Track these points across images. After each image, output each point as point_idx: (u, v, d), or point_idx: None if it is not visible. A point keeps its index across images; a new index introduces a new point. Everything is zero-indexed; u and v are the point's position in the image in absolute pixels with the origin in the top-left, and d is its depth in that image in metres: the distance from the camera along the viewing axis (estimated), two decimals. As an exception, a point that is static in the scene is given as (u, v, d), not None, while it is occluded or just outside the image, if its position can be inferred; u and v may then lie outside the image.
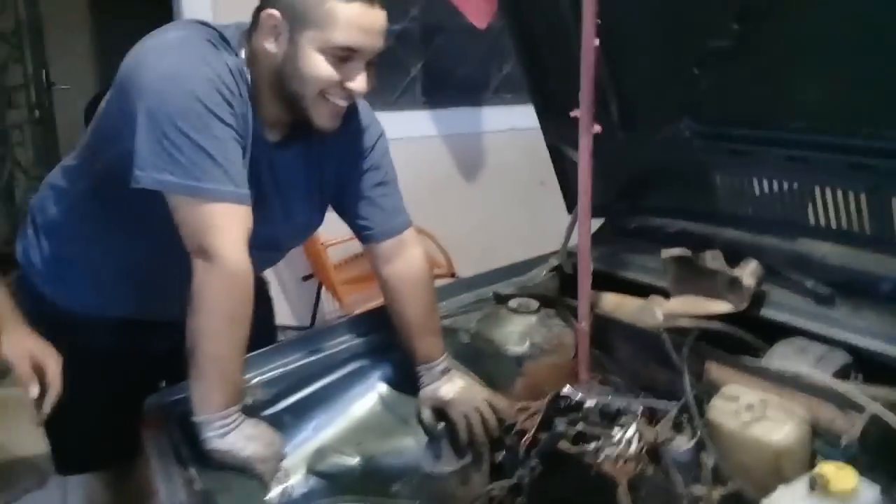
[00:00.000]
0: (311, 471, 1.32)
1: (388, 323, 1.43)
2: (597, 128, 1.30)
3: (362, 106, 1.37)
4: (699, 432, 1.13)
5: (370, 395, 1.43)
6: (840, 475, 0.89)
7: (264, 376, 1.32)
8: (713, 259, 1.31)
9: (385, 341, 1.48)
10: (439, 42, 3.26)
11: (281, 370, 1.35)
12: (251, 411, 1.26)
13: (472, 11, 2.55)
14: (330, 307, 3.09)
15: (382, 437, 1.38)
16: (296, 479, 1.29)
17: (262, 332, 1.49)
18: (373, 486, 1.34)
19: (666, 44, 1.37)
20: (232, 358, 1.14)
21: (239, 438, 1.13)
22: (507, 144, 3.26)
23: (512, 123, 3.17)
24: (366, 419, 1.40)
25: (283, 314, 2.98)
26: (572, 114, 1.30)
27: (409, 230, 1.42)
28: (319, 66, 1.15)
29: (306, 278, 3.01)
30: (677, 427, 1.19)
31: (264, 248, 1.35)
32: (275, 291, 1.73)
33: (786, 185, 1.37)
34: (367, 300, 2.40)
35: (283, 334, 2.94)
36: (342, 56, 1.15)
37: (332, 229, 1.55)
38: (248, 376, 1.30)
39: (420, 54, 3.25)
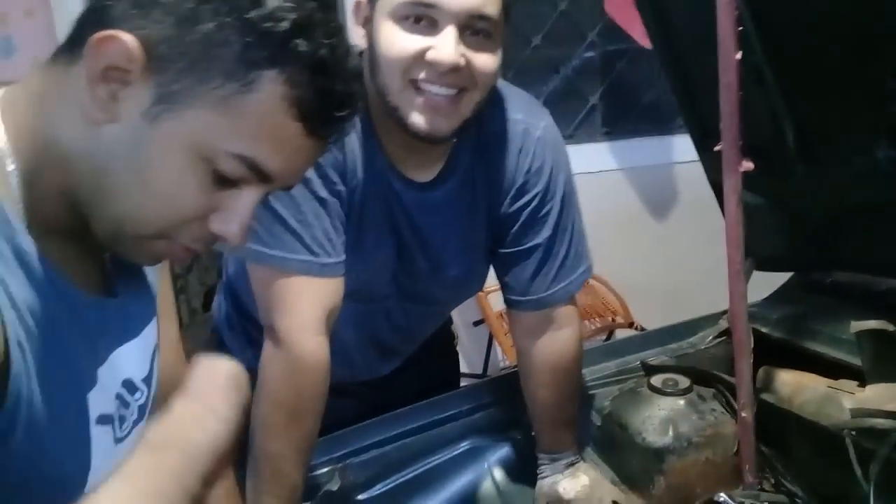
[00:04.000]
0: (409, 566, 1.16)
1: (516, 395, 1.24)
2: (747, 165, 1.01)
3: (547, 141, 1.11)
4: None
5: (483, 482, 1.24)
6: None
7: (357, 456, 1.17)
8: (923, 337, 0.96)
9: (508, 417, 1.29)
10: (620, 68, 2.99)
11: (378, 448, 1.20)
12: (339, 497, 1.13)
13: (640, 30, 2.31)
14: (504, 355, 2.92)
15: (493, 533, 1.18)
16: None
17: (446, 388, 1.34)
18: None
19: (851, 53, 1.05)
20: (288, 457, 0.99)
21: None
22: (702, 176, 2.89)
23: (707, 152, 2.80)
24: (475, 508, 1.21)
25: (455, 361, 2.86)
26: (716, 148, 1.03)
27: (565, 307, 1.18)
28: (395, 37, 0.91)
29: (477, 324, 2.87)
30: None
31: (420, 303, 1.20)
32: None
33: None
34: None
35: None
36: (419, 16, 0.90)
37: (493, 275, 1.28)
38: (340, 454, 1.17)
39: (599, 82, 3.00)
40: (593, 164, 2.92)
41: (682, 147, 2.99)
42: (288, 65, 0.57)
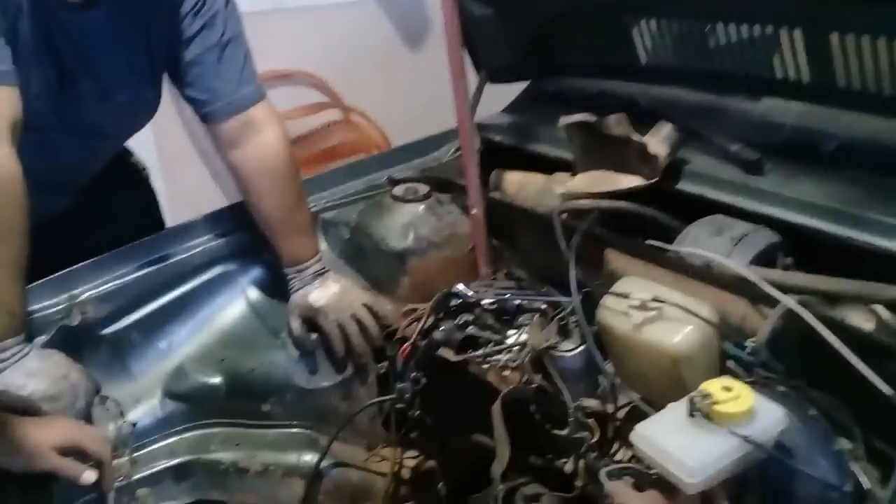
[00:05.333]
0: (169, 394, 1.16)
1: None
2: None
3: None
4: (586, 337, 0.94)
5: (237, 304, 1.25)
6: (729, 396, 0.71)
7: (98, 290, 1.12)
8: (617, 124, 1.07)
9: (257, 240, 1.28)
10: None
11: (120, 281, 1.15)
12: (82, 332, 1.08)
13: None
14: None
15: (251, 351, 1.21)
16: (150, 404, 1.15)
17: (145, 228, 1.27)
18: (241, 407, 1.18)
19: None
20: None
21: (17, 375, 0.94)
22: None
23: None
24: (231, 331, 1.22)
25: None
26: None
27: (259, 106, 1.18)
28: None
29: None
30: (567, 330, 1.01)
31: (85, 135, 1.15)
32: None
33: (708, 25, 1.12)
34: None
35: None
36: None
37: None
38: (79, 290, 1.11)
39: None
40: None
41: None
42: None
